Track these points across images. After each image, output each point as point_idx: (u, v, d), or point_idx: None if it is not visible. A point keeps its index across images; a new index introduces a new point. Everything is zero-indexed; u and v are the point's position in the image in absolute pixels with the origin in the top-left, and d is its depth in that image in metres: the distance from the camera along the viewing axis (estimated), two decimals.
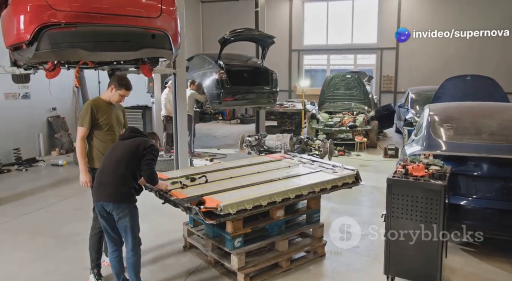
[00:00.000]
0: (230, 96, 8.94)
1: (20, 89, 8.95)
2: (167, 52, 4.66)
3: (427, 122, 5.09)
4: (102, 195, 3.31)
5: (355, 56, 16.83)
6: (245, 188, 3.79)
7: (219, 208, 3.26)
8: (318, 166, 4.61)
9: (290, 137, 6.94)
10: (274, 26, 16.61)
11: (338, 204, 6.17)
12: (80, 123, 3.72)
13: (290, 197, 3.76)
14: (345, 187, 4.29)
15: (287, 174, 4.29)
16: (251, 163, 4.85)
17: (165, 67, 6.97)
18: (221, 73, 8.77)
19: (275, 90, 9.63)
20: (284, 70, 16.98)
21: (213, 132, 13.82)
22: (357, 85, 10.93)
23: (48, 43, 3.90)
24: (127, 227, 3.35)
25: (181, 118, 7.19)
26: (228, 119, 16.76)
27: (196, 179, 4.00)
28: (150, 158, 3.35)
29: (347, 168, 4.48)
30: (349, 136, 10.19)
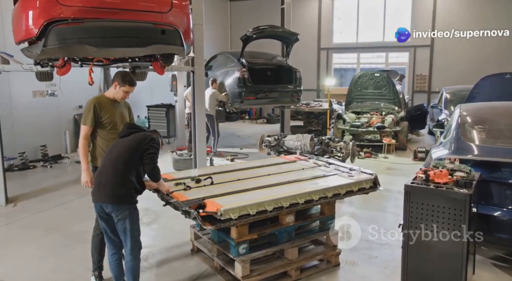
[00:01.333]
0: (252, 95, 8.75)
1: (48, 87, 9.13)
2: (178, 48, 4.51)
3: (457, 124, 4.68)
4: (101, 195, 3.19)
5: (386, 55, 16.20)
6: (251, 191, 3.57)
7: (219, 212, 3.06)
8: (334, 169, 4.32)
9: (311, 137, 6.65)
10: (303, 24, 16.27)
11: (359, 209, 5.83)
12: (83, 121, 3.63)
13: (299, 202, 3.51)
14: (361, 193, 3.98)
15: (299, 177, 4.03)
16: (263, 164, 4.63)
17: (184, 65, 6.85)
18: (243, 71, 8.59)
19: (299, 89, 9.35)
20: (313, 69, 16.60)
21: (238, 132, 13.68)
22: (386, 84, 10.44)
23: (55, 39, 3.84)
24: (127, 229, 3.22)
25: (199, 117, 7.07)
26: (254, 119, 16.58)
27: (201, 180, 3.82)
28: (152, 152, 3.22)
29: (365, 172, 4.17)
30: (377, 138, 9.74)
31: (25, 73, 6.16)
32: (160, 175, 3.37)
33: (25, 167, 8.23)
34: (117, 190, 3.15)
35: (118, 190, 3.15)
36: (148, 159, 3.20)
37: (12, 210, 5.85)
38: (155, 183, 3.54)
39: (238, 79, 8.63)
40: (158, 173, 3.32)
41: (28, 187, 6.99)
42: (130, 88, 3.68)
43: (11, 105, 8.41)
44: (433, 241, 3.11)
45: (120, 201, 3.17)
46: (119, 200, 3.17)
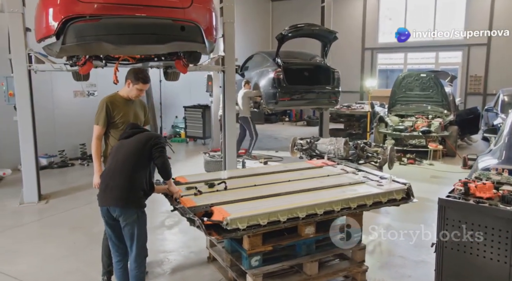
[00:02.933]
0: (287, 96, 8.43)
1: (88, 87, 9.36)
2: (199, 45, 4.32)
3: (510, 129, 4.10)
4: (108, 199, 3.04)
5: (436, 54, 15.19)
6: (265, 199, 3.28)
7: (226, 221, 2.80)
8: (362, 177, 3.91)
9: (345, 141, 6.22)
10: (347, 23, 15.73)
11: (396, 221, 5.34)
12: (96, 121, 3.53)
13: (317, 213, 3.17)
14: (390, 204, 3.55)
15: (321, 184, 3.68)
16: (285, 169, 4.31)
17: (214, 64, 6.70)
18: (277, 71, 8.30)
19: (337, 90, 8.89)
20: (356, 70, 15.96)
21: (277, 134, 13.38)
22: (433, 85, 9.69)
23: (73, 36, 3.79)
24: (133, 235, 3.06)
25: (229, 118, 6.88)
26: (294, 121, 16.21)
27: (215, 185, 3.58)
28: (161, 146, 3.10)
29: (397, 181, 3.73)
30: (422, 143, 9.05)
31: (66, 73, 6.31)
32: (171, 171, 3.20)
33: (64, 165, 8.47)
34: (126, 193, 3.00)
35: (127, 192, 3.00)
36: (158, 152, 3.07)
37: (44, 207, 5.96)
38: (164, 186, 3.37)
39: (272, 79, 8.35)
40: (169, 167, 3.17)
41: (63, 185, 7.16)
42: (144, 86, 3.53)
43: (53, 104, 8.71)
44: (472, 265, 2.66)
45: (128, 205, 3.02)
46: (128, 203, 3.01)
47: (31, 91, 5.83)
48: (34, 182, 6.04)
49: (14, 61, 5.61)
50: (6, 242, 4.74)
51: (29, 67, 5.64)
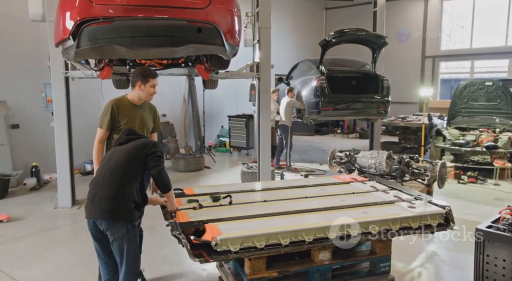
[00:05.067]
0: (331, 105, 7.90)
1: None
2: (218, 48, 4.04)
3: None
4: (95, 210, 2.80)
5: (510, 62, 13.67)
6: (270, 217, 2.87)
7: (215, 241, 2.44)
8: (393, 197, 3.35)
9: (388, 155, 5.58)
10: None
11: (444, 248, 4.60)
12: (100, 124, 3.38)
13: (329, 237, 2.69)
14: (423, 231, 2.96)
15: (341, 203, 3.19)
16: (305, 184, 3.86)
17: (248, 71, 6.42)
18: (320, 79, 7.81)
19: (386, 99, 8.18)
20: (415, 80, 14.86)
21: (325, 146, 12.77)
22: (501, 95, 8.58)
23: (87, 39, 3.70)
24: (123, 251, 2.80)
25: (264, 127, 6.55)
26: (346, 133, 15.44)
27: (220, 199, 3.24)
28: (157, 154, 2.84)
29: (435, 203, 3.13)
30: (486, 160, 8.00)
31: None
32: (169, 183, 2.91)
33: None
34: (114, 204, 2.75)
35: (115, 204, 2.75)
36: (153, 162, 2.80)
37: (75, 212, 6.00)
38: (162, 198, 3.10)
39: (315, 88, 7.87)
40: (167, 178, 2.88)
41: None
42: (155, 80, 3.39)
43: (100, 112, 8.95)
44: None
45: (116, 217, 2.76)
46: (116, 216, 2.76)
47: (67, 98, 5.94)
48: (68, 187, 6.12)
49: (53, 68, 5.77)
50: (30, 245, 4.77)
51: (66, 74, 5.75)
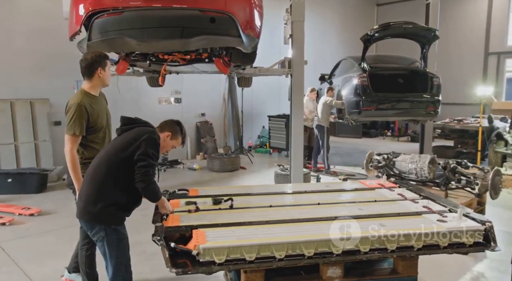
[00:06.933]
0: (373, 105, 7.32)
1: (172, 95, 9.60)
2: (234, 40, 3.75)
3: None
4: (78, 210, 2.65)
5: None
6: (269, 225, 2.53)
7: (197, 250, 2.15)
8: (422, 207, 2.85)
9: (431, 159, 4.96)
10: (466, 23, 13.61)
11: (495, 270, 3.94)
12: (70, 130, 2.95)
13: (333, 252, 2.29)
14: (454, 251, 2.45)
15: (358, 213, 2.76)
16: (322, 189, 3.44)
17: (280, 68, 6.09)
18: (361, 77, 7.27)
19: (436, 99, 7.42)
20: (476, 79, 13.60)
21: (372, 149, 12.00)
22: None
23: (98, 32, 3.59)
24: (105, 254, 2.64)
25: (296, 127, 6.18)
26: (397, 136, 14.49)
27: (221, 202, 2.95)
28: (144, 164, 2.49)
29: (473, 217, 2.60)
30: None
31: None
32: (157, 195, 2.67)
33: None
34: (91, 205, 2.55)
35: (92, 205, 2.55)
36: (140, 175, 2.50)
37: None
38: None
39: (355, 86, 7.34)
40: (154, 192, 2.63)
41: None
42: (108, 62, 3.09)
43: (138, 111, 9.06)
44: None
45: (93, 219, 2.58)
46: (92, 218, 2.58)
47: None
48: None
49: None
50: (52, 241, 4.79)
51: None
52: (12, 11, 7.37)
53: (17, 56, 7.31)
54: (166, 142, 2.87)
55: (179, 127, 2.96)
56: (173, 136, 2.90)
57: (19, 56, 7.32)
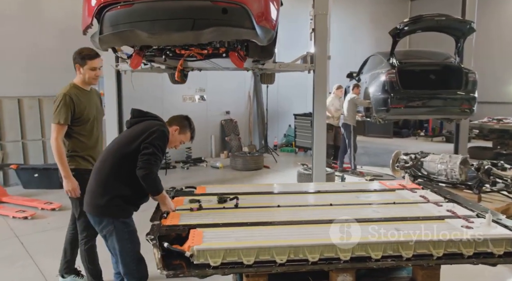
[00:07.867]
0: (402, 102, 6.94)
1: (197, 92, 9.56)
2: (248, 32, 3.57)
3: None
4: (85, 203, 2.63)
5: None
6: (273, 226, 2.35)
7: (190, 252, 2.00)
8: (445, 211, 2.58)
9: (463, 160, 4.60)
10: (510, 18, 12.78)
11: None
12: (55, 119, 3.02)
13: (341, 258, 2.08)
14: (480, 262, 2.17)
15: (373, 215, 2.52)
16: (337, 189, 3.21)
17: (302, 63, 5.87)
18: (390, 73, 6.92)
19: (472, 96, 6.95)
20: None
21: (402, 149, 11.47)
22: None
23: (109, 25, 3.53)
24: (115, 249, 2.59)
25: (318, 125, 5.93)
26: (431, 136, 13.83)
27: (226, 200, 2.79)
28: (149, 152, 2.45)
29: (504, 224, 2.31)
30: None
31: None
32: (157, 187, 2.56)
33: (166, 167, 8.69)
34: (96, 199, 2.53)
35: (99, 198, 2.52)
36: (142, 162, 2.45)
37: None
38: None
39: (383, 82, 7.00)
40: (154, 182, 2.52)
41: None
42: (95, 62, 3.19)
43: (163, 109, 9.08)
44: None
45: (99, 213, 2.54)
46: (99, 212, 2.54)
47: (119, 91, 5.99)
48: None
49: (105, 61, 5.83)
50: None
51: (116, 67, 5.78)
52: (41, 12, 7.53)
53: (46, 55, 7.47)
54: (174, 136, 2.80)
55: (187, 122, 2.90)
56: (181, 131, 2.83)
57: (48, 55, 7.47)
